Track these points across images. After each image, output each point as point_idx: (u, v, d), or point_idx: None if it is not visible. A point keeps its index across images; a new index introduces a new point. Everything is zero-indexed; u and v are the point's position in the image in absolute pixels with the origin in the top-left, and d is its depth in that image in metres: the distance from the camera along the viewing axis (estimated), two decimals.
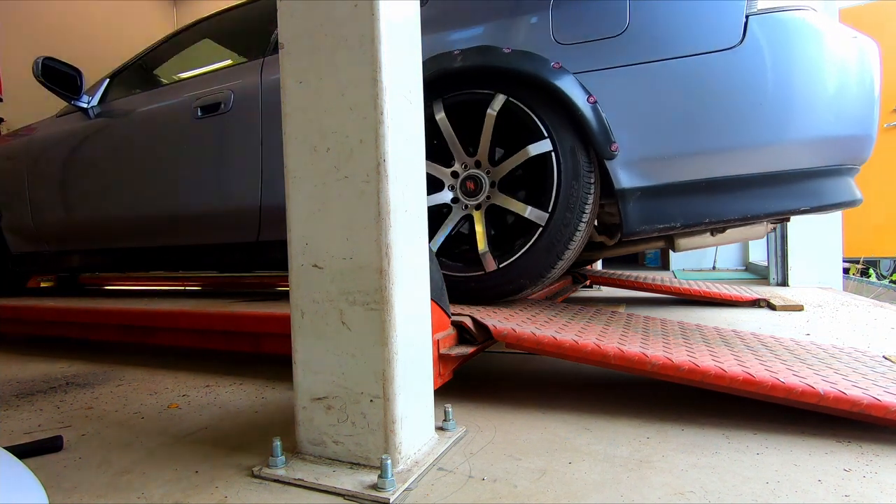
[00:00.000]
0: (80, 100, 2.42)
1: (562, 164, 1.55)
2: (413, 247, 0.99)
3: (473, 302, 1.65)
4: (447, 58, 1.64)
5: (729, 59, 1.41)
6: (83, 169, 2.41)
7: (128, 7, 8.27)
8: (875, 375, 1.22)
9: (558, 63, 1.52)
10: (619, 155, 1.48)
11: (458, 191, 1.71)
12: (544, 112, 1.57)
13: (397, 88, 0.94)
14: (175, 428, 1.23)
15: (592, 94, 1.49)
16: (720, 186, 1.47)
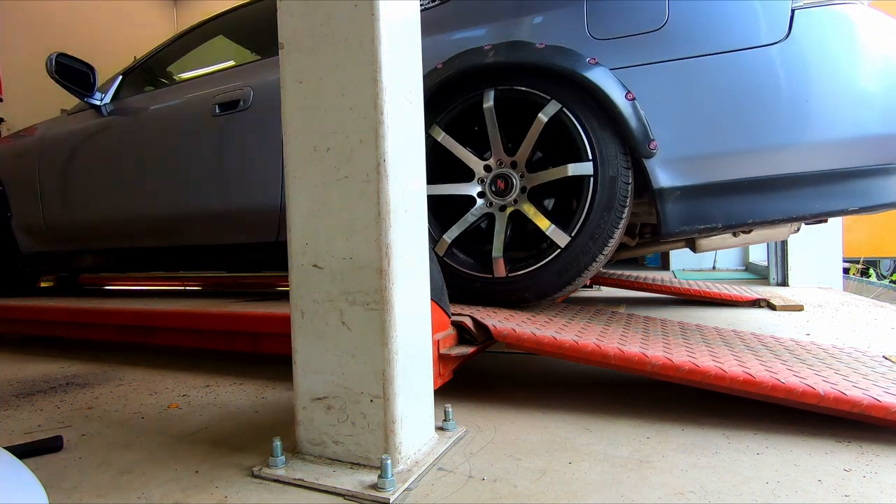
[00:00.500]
0: (93, 97, 2.39)
1: (597, 194, 1.51)
2: (413, 247, 0.99)
3: (473, 302, 1.64)
4: (477, 53, 1.60)
5: (774, 54, 1.37)
6: (97, 167, 2.37)
7: (128, 7, 8.27)
8: (875, 376, 1.22)
9: (594, 59, 1.48)
10: (658, 153, 1.44)
11: (486, 186, 1.66)
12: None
13: (397, 88, 0.94)
14: (175, 428, 1.23)
15: (631, 91, 1.45)
16: (764, 186, 1.42)
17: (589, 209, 1.52)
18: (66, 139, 2.48)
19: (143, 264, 2.46)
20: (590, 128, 1.52)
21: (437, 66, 1.63)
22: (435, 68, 1.63)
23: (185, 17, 9.15)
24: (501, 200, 1.65)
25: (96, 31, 7.80)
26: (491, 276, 1.62)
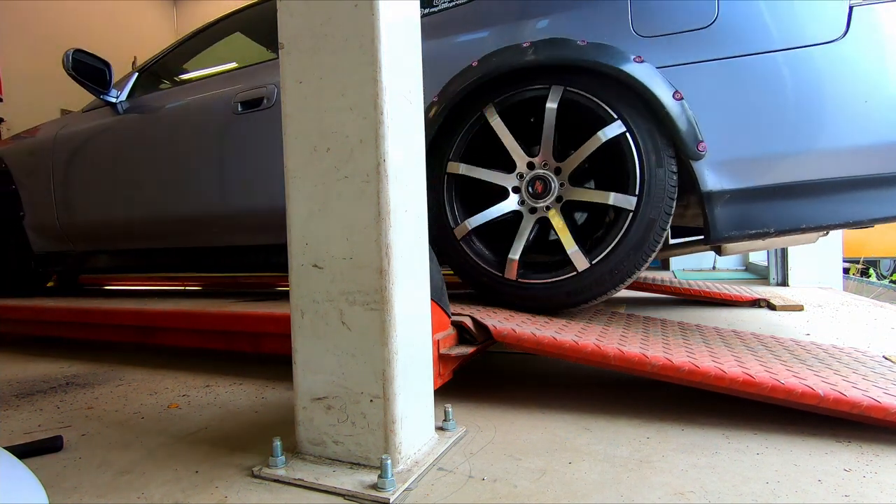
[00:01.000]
0: (109, 94, 2.35)
1: (631, 232, 1.47)
2: (413, 247, 0.99)
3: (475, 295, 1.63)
4: (515, 51, 1.55)
5: (831, 52, 1.32)
6: (113, 166, 2.33)
7: (128, 7, 8.28)
8: (875, 376, 1.22)
9: (640, 57, 1.44)
10: (707, 155, 1.41)
11: (523, 183, 1.62)
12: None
13: (397, 88, 0.94)
14: (175, 428, 1.23)
15: (679, 90, 1.41)
16: (819, 189, 1.37)
17: (617, 244, 1.49)
18: (81, 137, 2.44)
19: (161, 265, 2.42)
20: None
21: (473, 63, 1.61)
22: (470, 66, 1.61)
23: (185, 16, 9.15)
24: (533, 203, 1.61)
25: (96, 31, 7.80)
26: (501, 275, 1.61)
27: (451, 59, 1.64)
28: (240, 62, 2.26)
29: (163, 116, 2.24)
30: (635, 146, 1.48)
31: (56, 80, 7.76)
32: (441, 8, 1.75)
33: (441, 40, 1.69)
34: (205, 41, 2.48)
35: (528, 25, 1.59)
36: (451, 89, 1.62)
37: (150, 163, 2.22)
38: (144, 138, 2.26)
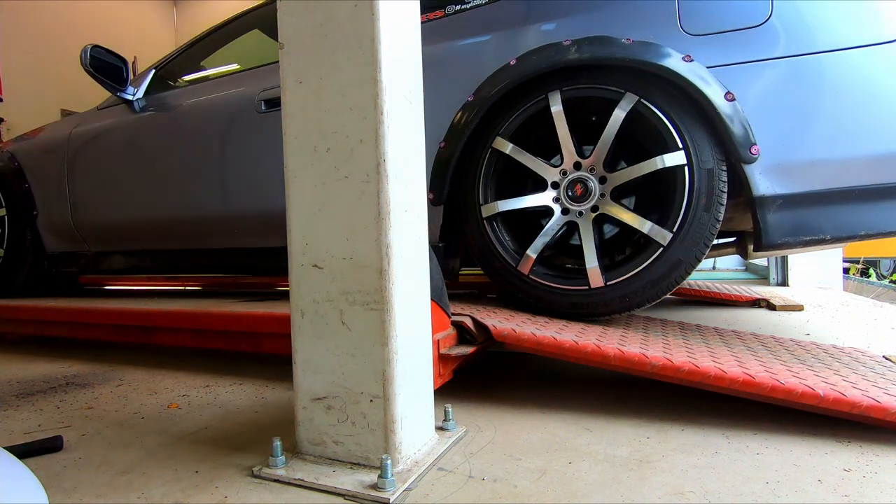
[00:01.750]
0: (126, 92, 2.31)
1: (694, 185, 1.41)
2: (413, 247, 0.99)
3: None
4: (557, 49, 1.50)
5: (892, 52, 1.28)
6: (130, 165, 2.28)
7: (128, 7, 8.28)
8: (875, 376, 1.22)
9: (689, 56, 1.39)
10: (760, 158, 1.36)
11: (562, 193, 1.57)
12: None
13: (397, 88, 0.94)
14: (175, 428, 1.23)
15: (731, 91, 1.37)
16: (880, 195, 1.32)
17: (638, 273, 1.46)
18: (97, 135, 2.40)
19: (181, 267, 2.36)
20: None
21: (510, 62, 1.55)
22: (507, 65, 1.56)
23: (185, 16, 9.15)
24: (568, 204, 1.56)
25: (96, 30, 7.80)
26: (514, 266, 1.57)
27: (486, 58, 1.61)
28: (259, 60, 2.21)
29: (182, 115, 2.19)
30: (689, 182, 1.43)
31: (56, 79, 7.78)
32: (474, 5, 1.70)
33: (473, 38, 1.66)
34: (222, 39, 2.42)
35: (567, 23, 1.54)
36: (487, 89, 1.58)
37: (169, 162, 2.18)
38: (163, 137, 2.21)
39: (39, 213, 2.57)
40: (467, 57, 1.65)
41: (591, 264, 1.51)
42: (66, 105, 7.41)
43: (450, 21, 1.72)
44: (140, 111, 2.30)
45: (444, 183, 1.66)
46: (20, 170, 2.61)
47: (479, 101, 1.59)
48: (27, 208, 2.57)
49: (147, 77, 2.39)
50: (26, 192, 2.58)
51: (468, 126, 1.61)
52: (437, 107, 1.60)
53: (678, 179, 1.44)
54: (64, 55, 7.44)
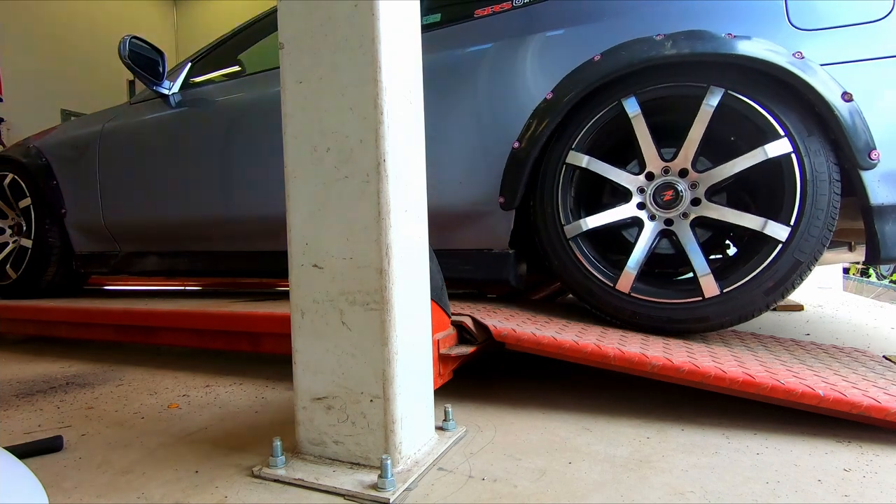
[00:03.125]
0: (162, 85, 2.21)
1: (805, 172, 1.31)
2: (413, 247, 0.99)
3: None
4: (649, 44, 1.40)
5: None
6: (168, 162, 2.16)
7: (128, 7, 8.28)
8: (875, 376, 1.22)
9: (800, 52, 1.29)
10: (879, 164, 1.26)
11: (649, 200, 1.47)
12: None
13: (397, 88, 0.94)
14: (175, 428, 1.23)
15: (848, 91, 1.26)
16: None
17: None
18: (131, 131, 2.29)
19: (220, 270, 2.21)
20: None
21: (595, 58, 1.45)
22: (591, 61, 1.45)
23: (185, 17, 9.15)
24: (670, 213, 1.45)
25: (96, 30, 7.81)
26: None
27: (564, 53, 1.51)
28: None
29: (220, 110, 2.08)
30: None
31: (56, 79, 7.78)
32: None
33: (548, 32, 1.56)
34: (262, 31, 2.28)
35: (658, 16, 1.43)
36: (570, 86, 1.48)
37: (210, 160, 2.07)
38: (203, 133, 2.09)
39: (68, 212, 2.46)
40: (542, 52, 1.55)
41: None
42: (66, 105, 7.41)
43: (520, 14, 1.62)
44: (176, 106, 2.21)
45: (517, 186, 1.55)
46: (48, 166, 2.49)
47: (560, 99, 1.48)
48: (55, 206, 2.46)
49: (183, 70, 2.28)
50: (54, 190, 2.47)
51: (548, 125, 1.50)
52: (508, 105, 1.57)
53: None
54: (64, 55, 7.44)
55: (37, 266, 2.50)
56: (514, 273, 1.62)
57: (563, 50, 1.52)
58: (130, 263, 2.41)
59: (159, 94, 2.23)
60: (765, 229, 1.35)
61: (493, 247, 1.65)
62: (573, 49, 1.50)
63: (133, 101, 2.42)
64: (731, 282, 1.38)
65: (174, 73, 2.27)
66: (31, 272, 2.50)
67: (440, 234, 1.66)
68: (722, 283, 1.38)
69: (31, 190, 2.50)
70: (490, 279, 1.64)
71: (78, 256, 2.52)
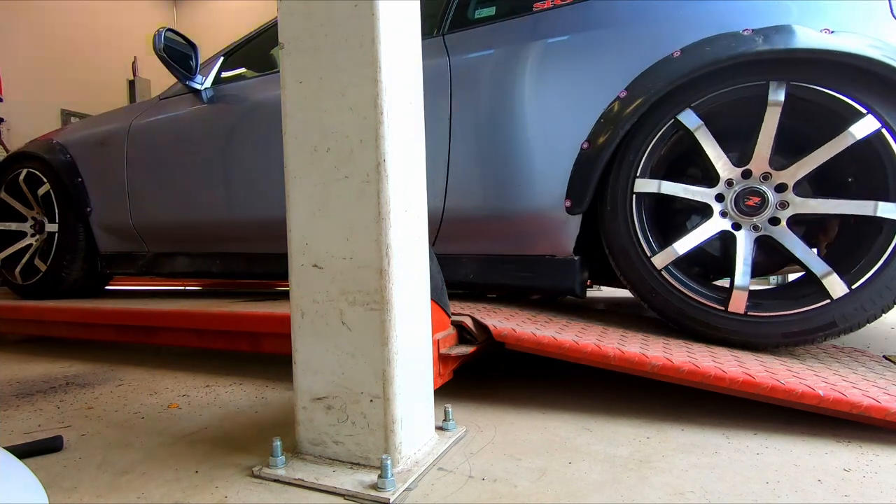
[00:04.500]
0: (194, 80, 2.13)
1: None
2: (413, 247, 0.99)
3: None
4: (737, 39, 1.30)
5: None
6: (201, 160, 2.08)
7: (128, 7, 8.28)
8: (874, 376, 1.22)
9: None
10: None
11: (729, 197, 1.39)
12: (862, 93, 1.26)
13: (397, 88, 0.94)
14: (175, 428, 1.23)
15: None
16: None
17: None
18: (162, 127, 2.20)
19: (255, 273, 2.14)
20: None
21: (674, 53, 1.37)
22: (670, 57, 1.38)
23: (185, 17, 9.15)
24: (745, 219, 1.38)
25: (96, 30, 7.81)
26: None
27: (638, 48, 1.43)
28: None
29: (259, 106, 1.99)
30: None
31: (56, 79, 7.78)
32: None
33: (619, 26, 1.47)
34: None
35: (744, 10, 1.34)
36: (648, 84, 1.39)
37: (241, 158, 1.99)
38: (239, 130, 2.01)
39: (93, 210, 2.38)
40: (612, 47, 1.46)
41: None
42: (66, 105, 7.41)
43: (584, 7, 1.54)
44: (208, 102, 2.12)
45: (586, 189, 1.47)
46: (73, 163, 2.41)
47: (637, 97, 1.39)
48: (80, 205, 2.38)
49: (215, 65, 2.21)
50: (79, 188, 2.38)
51: (622, 125, 1.42)
52: (574, 104, 1.49)
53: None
54: (64, 55, 7.44)
55: (60, 266, 2.42)
56: (579, 281, 1.54)
57: (636, 45, 1.43)
58: (159, 264, 2.33)
59: (191, 89, 2.16)
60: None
61: (556, 253, 1.57)
62: (648, 45, 1.42)
63: (162, 96, 2.34)
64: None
65: (206, 68, 2.19)
66: (54, 272, 2.43)
67: (498, 240, 1.63)
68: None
69: (56, 188, 2.42)
70: (552, 287, 1.56)
71: (103, 256, 2.45)
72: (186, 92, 2.20)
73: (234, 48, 2.25)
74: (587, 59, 1.49)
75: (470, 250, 1.68)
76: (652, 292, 1.45)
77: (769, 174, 1.36)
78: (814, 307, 1.31)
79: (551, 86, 1.52)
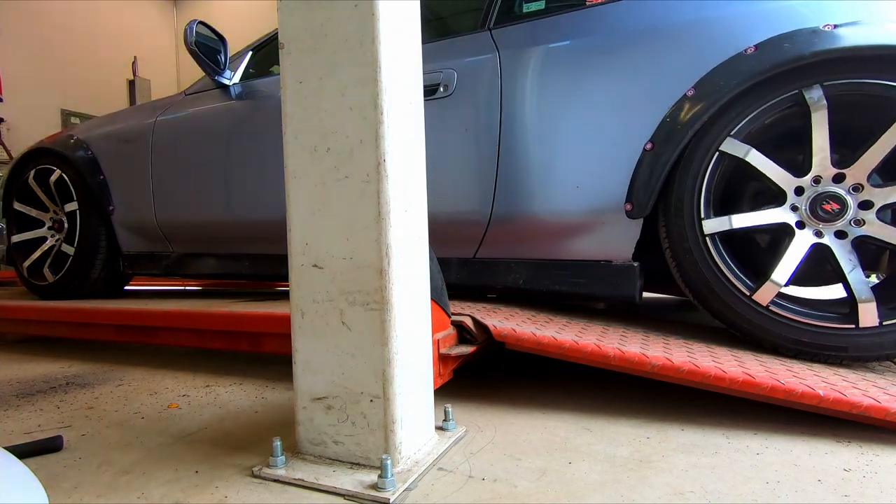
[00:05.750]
0: (223, 75, 2.07)
1: None
2: (413, 247, 0.99)
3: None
4: (818, 36, 1.25)
5: None
6: (231, 158, 2.02)
7: (128, 7, 8.28)
8: (874, 376, 1.22)
9: None
10: None
11: (805, 207, 1.31)
12: None
13: (397, 88, 0.94)
14: (175, 428, 1.23)
15: None
16: None
17: None
18: (189, 123, 2.14)
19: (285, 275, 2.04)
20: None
21: (747, 49, 1.30)
22: (743, 53, 1.30)
23: (185, 16, 9.15)
24: (825, 225, 1.30)
25: (97, 30, 7.81)
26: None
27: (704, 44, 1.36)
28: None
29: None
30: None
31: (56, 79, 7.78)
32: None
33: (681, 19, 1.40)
34: None
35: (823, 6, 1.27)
36: (719, 82, 1.31)
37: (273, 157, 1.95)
38: (270, 127, 1.95)
39: (116, 209, 2.32)
40: (678, 43, 1.39)
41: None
42: (66, 106, 7.41)
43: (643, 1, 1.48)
44: (236, 98, 2.06)
45: (649, 192, 1.40)
46: (94, 160, 2.35)
47: (707, 97, 1.32)
48: (102, 203, 2.32)
49: (244, 59, 2.16)
50: (101, 186, 2.32)
51: (690, 125, 1.34)
52: (635, 103, 1.42)
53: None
54: (64, 55, 7.44)
55: (80, 266, 2.36)
56: (637, 288, 1.47)
57: (701, 41, 1.36)
58: (185, 265, 2.27)
59: (220, 84, 2.11)
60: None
61: (613, 259, 1.50)
62: (715, 41, 1.35)
63: (188, 91, 2.28)
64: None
65: (235, 62, 2.15)
66: (74, 272, 2.37)
67: (549, 244, 1.57)
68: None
69: (76, 186, 2.36)
70: (609, 294, 1.49)
71: (126, 256, 2.38)
72: (214, 87, 2.15)
73: (262, 42, 2.20)
74: (650, 55, 1.42)
75: (519, 255, 1.63)
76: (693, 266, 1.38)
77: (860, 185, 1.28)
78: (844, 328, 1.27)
79: (610, 83, 1.46)
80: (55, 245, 2.48)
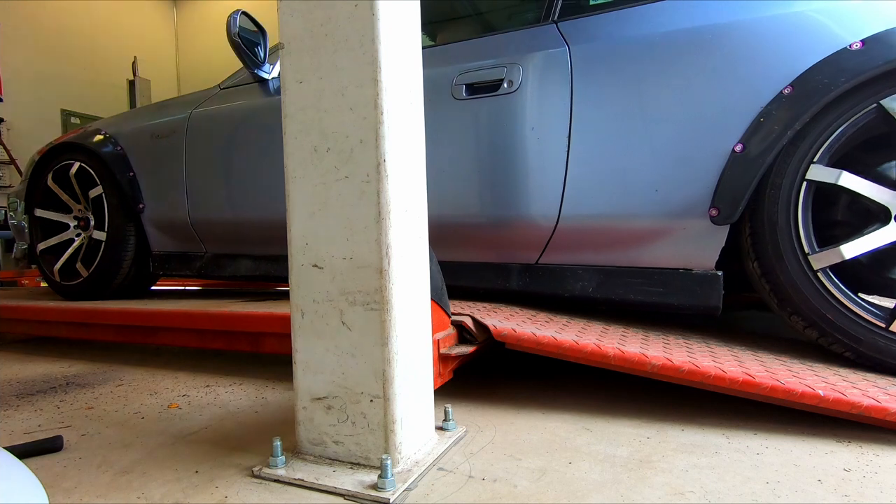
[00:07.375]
0: (262, 69, 1.99)
1: None
2: (413, 247, 0.99)
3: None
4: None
5: None
6: (267, 156, 1.94)
7: (128, 7, 8.29)
8: (874, 376, 1.22)
9: None
10: None
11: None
12: None
13: (397, 88, 0.94)
14: (175, 428, 1.23)
15: None
16: None
17: None
18: (225, 119, 2.05)
19: None
20: None
21: (851, 45, 1.21)
22: (846, 49, 1.21)
23: (185, 17, 9.15)
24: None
25: (97, 30, 7.81)
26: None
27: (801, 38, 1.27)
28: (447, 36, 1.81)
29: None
30: None
31: (56, 79, 7.78)
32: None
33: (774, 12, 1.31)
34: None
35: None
36: (821, 80, 1.23)
37: None
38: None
39: (146, 207, 2.23)
40: (772, 38, 1.30)
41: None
42: (66, 106, 7.42)
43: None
44: (275, 93, 1.98)
45: (739, 198, 1.30)
46: (124, 156, 2.26)
47: (807, 96, 1.23)
48: (132, 201, 2.23)
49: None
50: (131, 182, 2.23)
51: (789, 126, 1.25)
52: (722, 100, 1.34)
53: None
54: (64, 55, 7.44)
55: (109, 266, 2.29)
56: (720, 298, 1.38)
57: (801, 34, 1.27)
58: (219, 266, 2.17)
59: (258, 78, 2.02)
60: None
61: (694, 267, 1.41)
62: (816, 34, 1.26)
63: (224, 85, 2.20)
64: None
65: (274, 56, 2.05)
66: (103, 272, 2.29)
67: (622, 250, 1.49)
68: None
69: (105, 183, 2.27)
70: (689, 304, 1.41)
71: (156, 256, 2.30)
72: (251, 81, 2.07)
73: None
74: (739, 51, 1.33)
75: (588, 261, 1.55)
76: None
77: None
78: None
79: (694, 79, 1.37)
80: (83, 243, 2.39)
